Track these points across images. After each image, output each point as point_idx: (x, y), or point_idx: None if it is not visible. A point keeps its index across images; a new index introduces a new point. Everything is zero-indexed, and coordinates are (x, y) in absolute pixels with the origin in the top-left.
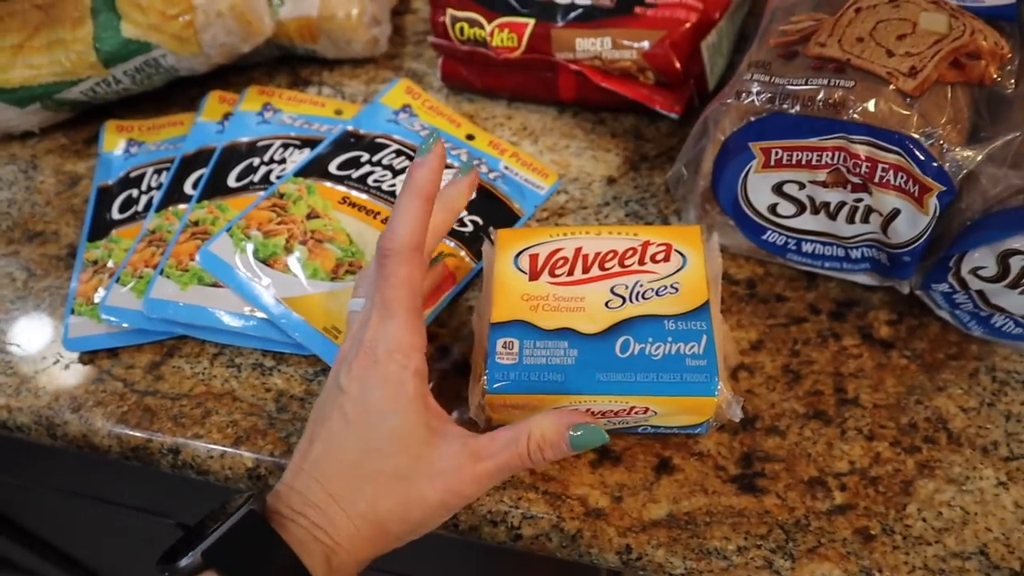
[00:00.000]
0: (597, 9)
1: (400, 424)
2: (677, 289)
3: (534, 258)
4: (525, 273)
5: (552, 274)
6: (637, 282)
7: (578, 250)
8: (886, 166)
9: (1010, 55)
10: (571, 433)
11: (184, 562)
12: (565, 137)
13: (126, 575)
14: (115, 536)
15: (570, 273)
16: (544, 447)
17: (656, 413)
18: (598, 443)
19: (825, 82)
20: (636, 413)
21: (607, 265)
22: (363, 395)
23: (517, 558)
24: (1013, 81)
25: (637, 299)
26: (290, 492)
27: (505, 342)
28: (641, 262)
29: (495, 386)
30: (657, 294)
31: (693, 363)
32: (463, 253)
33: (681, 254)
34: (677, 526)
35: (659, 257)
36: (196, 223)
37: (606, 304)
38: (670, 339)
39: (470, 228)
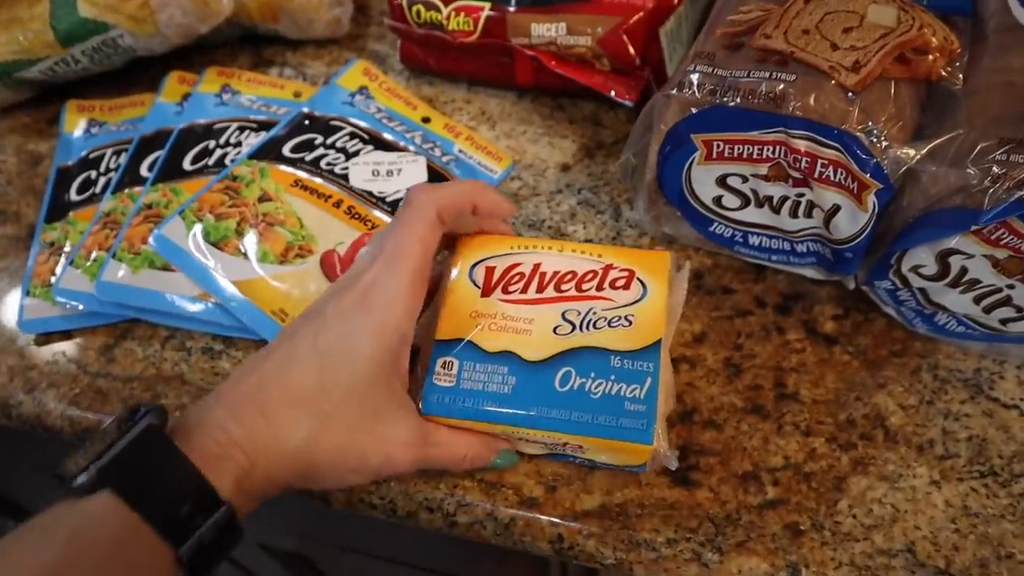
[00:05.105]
0: None
1: (370, 376)
2: (631, 322)
3: (490, 271)
4: (478, 288)
5: (505, 291)
6: (591, 309)
7: (536, 266)
8: (825, 162)
9: (959, 51)
10: (496, 458)
11: (80, 480)
12: (522, 123)
13: None
14: None
15: (524, 291)
16: (474, 463)
17: (588, 450)
18: (512, 463)
19: (767, 75)
20: (569, 448)
21: (563, 287)
22: (343, 332)
23: (501, 553)
24: (961, 76)
25: (587, 328)
26: (217, 403)
27: (445, 362)
28: (599, 287)
29: (430, 408)
30: (609, 324)
31: (632, 407)
32: None
33: (643, 284)
34: (608, 517)
35: (619, 284)
36: (150, 206)
37: (554, 330)
38: (613, 377)
39: None
